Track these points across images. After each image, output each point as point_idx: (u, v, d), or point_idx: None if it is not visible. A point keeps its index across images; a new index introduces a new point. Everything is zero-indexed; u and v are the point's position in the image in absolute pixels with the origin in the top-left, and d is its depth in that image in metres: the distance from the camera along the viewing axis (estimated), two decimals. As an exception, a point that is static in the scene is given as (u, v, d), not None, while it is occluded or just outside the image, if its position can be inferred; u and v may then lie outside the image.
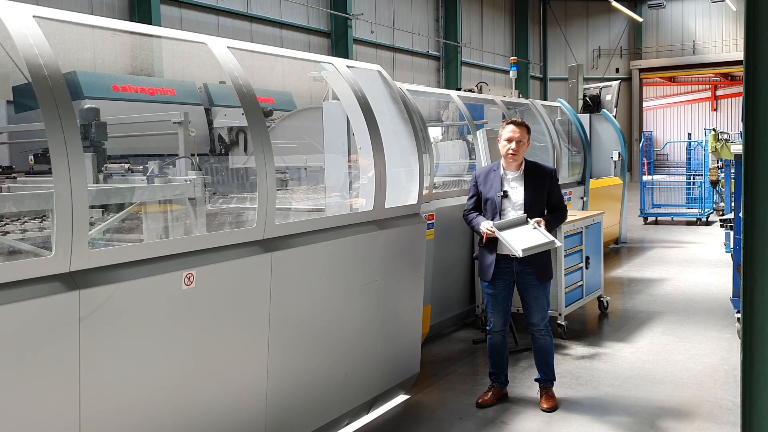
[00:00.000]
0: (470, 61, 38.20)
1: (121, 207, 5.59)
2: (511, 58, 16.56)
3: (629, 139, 45.23)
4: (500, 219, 7.20)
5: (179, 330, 4.89)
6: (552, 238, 7.05)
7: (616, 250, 17.83)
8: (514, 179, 7.34)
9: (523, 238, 6.99)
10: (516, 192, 7.30)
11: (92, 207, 5.38)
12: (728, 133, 27.52)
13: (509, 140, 7.27)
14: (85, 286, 4.21)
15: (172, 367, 4.89)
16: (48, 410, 4.14)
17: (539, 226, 7.09)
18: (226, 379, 5.35)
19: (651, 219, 23.71)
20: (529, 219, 7.15)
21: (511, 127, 7.32)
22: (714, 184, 23.33)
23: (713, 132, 23.36)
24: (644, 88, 51.90)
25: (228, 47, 5.74)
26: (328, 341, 6.32)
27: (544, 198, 7.36)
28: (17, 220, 6.02)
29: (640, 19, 47.88)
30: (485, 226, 7.16)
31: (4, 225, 5.85)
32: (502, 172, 7.37)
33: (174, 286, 4.76)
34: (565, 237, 9.75)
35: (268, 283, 5.52)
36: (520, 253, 6.85)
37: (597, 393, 7.81)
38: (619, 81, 19.80)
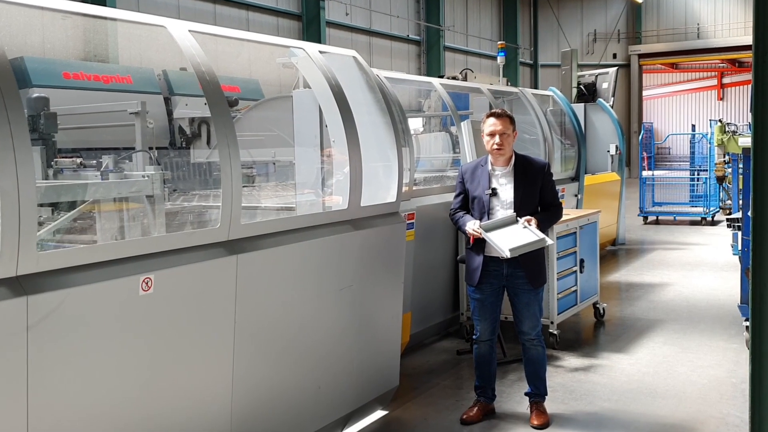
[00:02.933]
0: (454, 46, 38.23)
1: (72, 205, 5.60)
2: (499, 42, 16.66)
3: (628, 131, 45.27)
4: (488, 218, 7.21)
5: (136, 339, 4.90)
6: (542, 235, 7.05)
7: (614, 252, 17.91)
8: (504, 175, 7.33)
9: (511, 237, 6.99)
10: (505, 189, 7.29)
11: (41, 205, 5.40)
12: (736, 125, 27.53)
13: (491, 134, 7.26)
14: (33, 292, 4.21)
15: (128, 379, 4.90)
16: (-7, 427, 4.15)
17: (529, 225, 7.08)
18: (188, 393, 5.37)
19: (651, 218, 23.80)
20: (518, 218, 7.14)
21: (492, 120, 7.29)
22: (720, 180, 23.35)
23: (719, 123, 23.38)
24: (644, 75, 51.99)
25: (189, 31, 5.75)
26: (299, 352, 6.34)
27: (537, 195, 7.35)
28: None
29: (639, 0, 47.99)
30: (471, 226, 7.17)
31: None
32: (490, 167, 7.36)
33: (130, 292, 4.77)
34: (558, 238, 9.79)
35: (234, 289, 5.54)
36: (507, 254, 6.85)
37: (592, 408, 7.85)
38: (616, 68, 19.88)
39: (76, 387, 4.57)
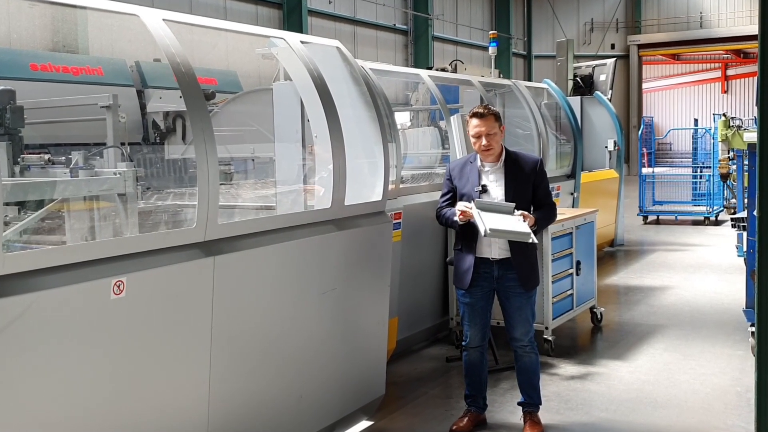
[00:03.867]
0: (443, 36, 38.29)
1: (40, 204, 5.60)
2: (490, 32, 16.65)
3: (627, 125, 45.34)
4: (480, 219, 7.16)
5: (107, 345, 4.91)
6: (529, 230, 6.96)
7: (612, 253, 17.96)
8: (494, 171, 7.34)
9: (498, 222, 6.91)
10: (496, 186, 7.30)
11: (7, 204, 5.40)
12: (741, 119, 27.59)
13: (476, 136, 7.27)
14: (-1, 295, 4.22)
15: (99, 387, 4.91)
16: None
17: (524, 221, 7.00)
18: (162, 402, 5.38)
19: (652, 218, 23.86)
20: (515, 210, 7.05)
21: (475, 121, 7.28)
22: (724, 177, 23.39)
23: (723, 117, 23.42)
24: (644, 66, 52.15)
25: (164, 20, 5.75)
26: (280, 359, 6.35)
27: (529, 193, 7.34)
28: None
29: (639, -13, 48.16)
30: (464, 203, 7.14)
31: None
32: (479, 164, 7.37)
33: (102, 296, 4.78)
34: (553, 239, 9.82)
35: (210, 292, 5.55)
36: (486, 231, 6.73)
37: (589, 419, 7.87)
38: (614, 59, 19.90)
39: (44, 395, 4.57)
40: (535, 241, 7.01)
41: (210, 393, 5.68)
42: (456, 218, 7.19)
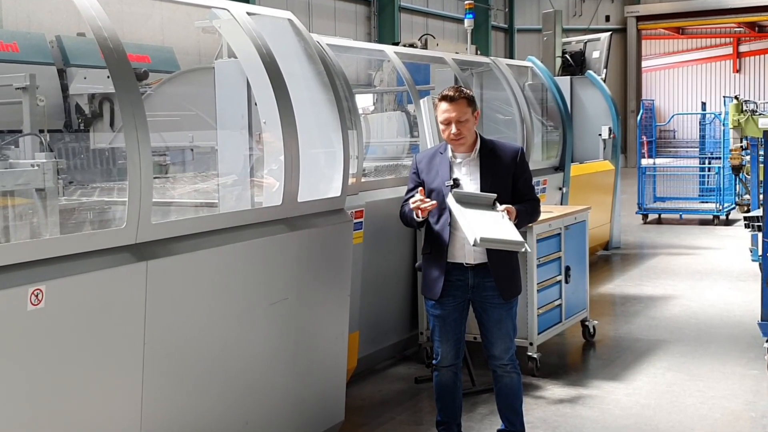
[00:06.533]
0: (411, 7, 38.30)
1: (-55, 200, 5.61)
2: (466, 2, 16.68)
3: (623, 110, 45.47)
4: (450, 217, 7.07)
5: (24, 363, 4.92)
6: (521, 239, 6.88)
7: (606, 258, 18.09)
8: (467, 163, 7.27)
9: (484, 224, 6.76)
10: (469, 181, 7.22)
11: None
12: (755, 102, 27.78)
13: (446, 123, 7.15)
14: None
15: (15, 409, 4.92)
16: None
17: (508, 217, 6.94)
18: (87, 426, 5.40)
19: (652, 217, 24.07)
20: (497, 203, 6.98)
21: (444, 105, 7.15)
22: (736, 170, 23.35)
23: (735, 100, 23.52)
24: (643, 42, 52.32)
25: (89, -13, 5.77)
26: (222, 378, 6.38)
27: (509, 187, 7.26)
28: None
29: (638, -50, 48.33)
30: (417, 197, 6.99)
31: None
32: (450, 155, 7.29)
33: (17, 306, 4.79)
34: (538, 241, 9.84)
35: (143, 302, 5.58)
36: (476, 240, 6.60)
37: (579, 446, 7.93)
38: (609, 33, 19.96)
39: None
40: (528, 249, 7.01)
41: (142, 417, 5.70)
42: (414, 214, 7.09)
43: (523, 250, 6.88)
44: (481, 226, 6.68)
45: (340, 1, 33.97)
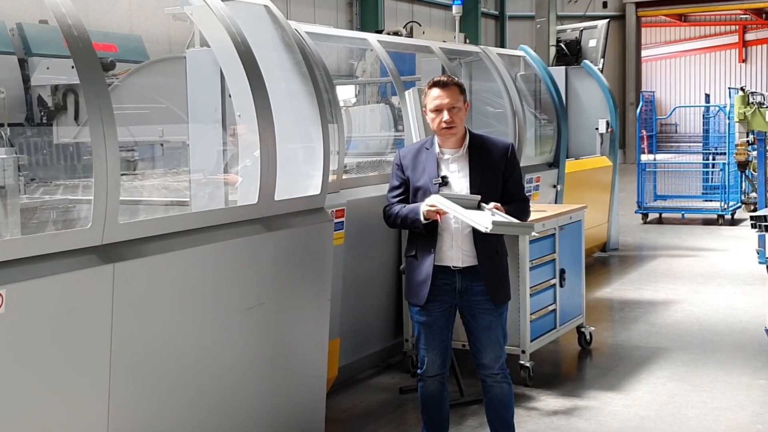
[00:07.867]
0: (396, -9, 38.33)
1: None
2: (455, -14, 16.69)
3: (622, 102, 45.48)
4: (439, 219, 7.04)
5: (-17, 372, 4.94)
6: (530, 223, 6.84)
7: (604, 260, 18.11)
8: (455, 160, 7.25)
9: (486, 216, 6.70)
10: (458, 178, 7.20)
11: None
12: (763, 94, 27.80)
13: (437, 110, 7.10)
14: None
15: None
16: None
17: (499, 213, 6.85)
18: (51, 442, 5.41)
19: (653, 216, 24.09)
20: (483, 204, 6.91)
21: (436, 91, 7.12)
22: (742, 166, 23.42)
23: (741, 92, 23.52)
24: (643, 30, 52.34)
25: (51, -29, 5.78)
26: (195, 388, 6.39)
27: (499, 185, 7.25)
28: None
29: (638, -68, 48.35)
30: (434, 199, 6.91)
31: None
32: (437, 150, 7.26)
33: (-25, 312, 4.80)
34: (531, 242, 9.76)
35: (110, 307, 5.58)
36: (488, 226, 6.52)
37: (574, 461, 7.95)
38: (607, 20, 20.01)
39: None
40: (536, 234, 6.98)
41: (109, 429, 5.71)
42: (420, 216, 7.00)
43: (532, 232, 6.89)
44: (483, 217, 6.65)
45: (320, -15, 33.97)
